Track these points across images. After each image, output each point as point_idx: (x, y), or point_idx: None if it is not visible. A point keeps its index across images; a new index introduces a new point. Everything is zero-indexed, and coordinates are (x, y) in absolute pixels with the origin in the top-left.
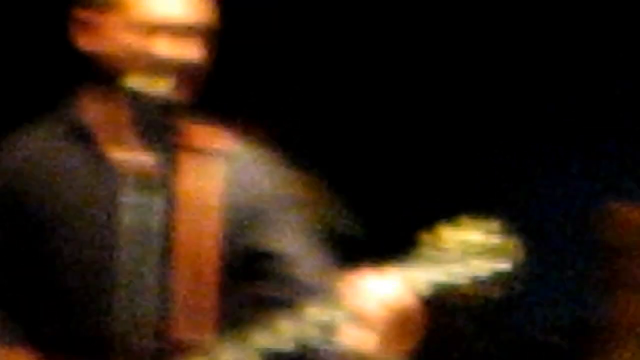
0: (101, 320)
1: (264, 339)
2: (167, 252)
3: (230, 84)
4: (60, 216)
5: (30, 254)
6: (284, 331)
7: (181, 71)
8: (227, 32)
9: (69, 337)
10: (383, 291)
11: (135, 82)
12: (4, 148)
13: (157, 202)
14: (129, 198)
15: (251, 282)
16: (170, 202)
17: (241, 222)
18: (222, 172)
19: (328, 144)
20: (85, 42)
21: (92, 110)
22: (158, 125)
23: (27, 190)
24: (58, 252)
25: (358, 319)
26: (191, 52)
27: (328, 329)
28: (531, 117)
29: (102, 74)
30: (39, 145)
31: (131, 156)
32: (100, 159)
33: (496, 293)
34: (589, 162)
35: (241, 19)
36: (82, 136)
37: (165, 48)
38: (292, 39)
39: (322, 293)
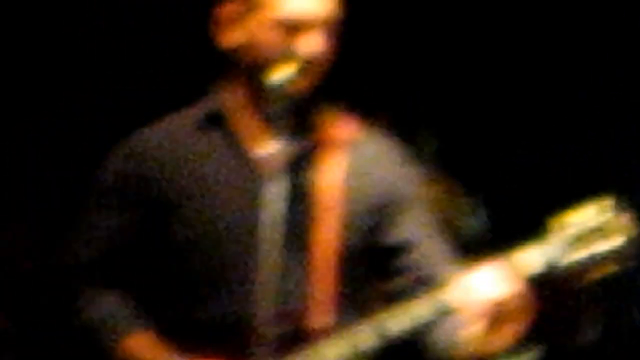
0: (239, 306)
1: (383, 325)
2: (301, 241)
3: (352, 74)
4: (197, 204)
5: (165, 241)
6: (399, 319)
7: (315, 65)
8: (348, 23)
9: (203, 324)
10: (485, 285)
11: (275, 76)
12: (141, 137)
13: (293, 193)
14: (267, 189)
15: (377, 272)
16: (304, 192)
17: (368, 213)
18: (350, 163)
19: (448, 133)
20: (227, 38)
21: (231, 102)
22: (295, 119)
23: (162, 178)
24: (195, 239)
25: (461, 311)
26: (324, 45)
27: (439, 319)
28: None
29: (243, 69)
30: (176, 135)
31: (269, 148)
32: (239, 150)
33: (614, 270)
34: None
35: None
36: (222, 127)
37: (304, 44)
38: (413, 29)
39: (443, 283)
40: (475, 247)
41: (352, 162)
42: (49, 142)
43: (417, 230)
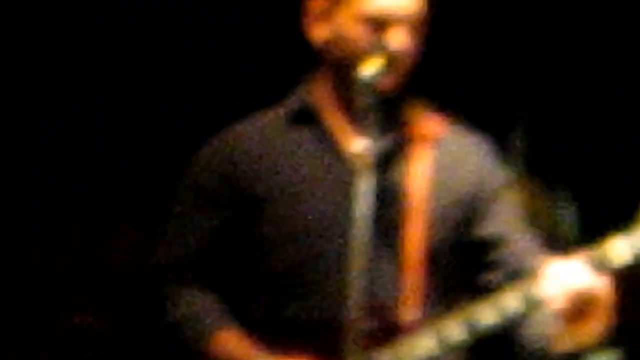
0: (328, 303)
1: (472, 319)
2: (391, 237)
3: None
4: (288, 200)
5: (255, 238)
6: (489, 312)
7: (403, 60)
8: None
9: (291, 321)
10: (570, 275)
11: (364, 71)
12: (231, 133)
13: (382, 189)
14: (357, 185)
15: (466, 267)
16: (394, 188)
17: (456, 208)
18: (438, 158)
19: (537, 128)
20: (318, 32)
21: (321, 98)
22: (383, 115)
23: (253, 174)
24: (286, 235)
25: (549, 303)
26: (411, 41)
27: (528, 312)
28: None
29: (332, 64)
30: (267, 131)
31: (358, 144)
32: (329, 146)
33: None
34: None
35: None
36: (312, 123)
37: (392, 39)
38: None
39: (531, 276)
40: (565, 243)
41: (440, 157)
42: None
43: (506, 225)
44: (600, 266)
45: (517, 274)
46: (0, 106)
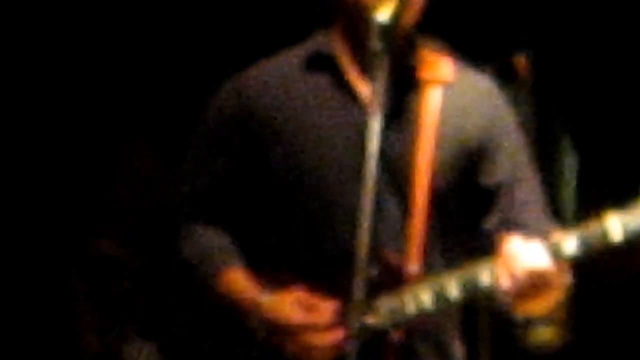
0: (337, 244)
1: (468, 279)
2: (400, 180)
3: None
4: (302, 141)
5: (267, 178)
6: (483, 273)
7: (415, 2)
8: None
9: (299, 260)
10: (527, 257)
11: (378, 14)
12: (247, 75)
13: (394, 131)
14: (370, 127)
15: (467, 214)
16: (405, 131)
17: (463, 152)
18: (448, 102)
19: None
20: None
21: (336, 42)
22: (396, 57)
23: (268, 115)
24: (299, 175)
25: (506, 277)
26: None
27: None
28: None
29: (347, 8)
30: (283, 74)
31: (372, 87)
32: (344, 89)
33: None
34: None
35: None
36: (328, 67)
37: None
38: None
39: (533, 228)
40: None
41: (449, 102)
42: None
43: (511, 173)
44: (556, 253)
45: (514, 225)
46: None
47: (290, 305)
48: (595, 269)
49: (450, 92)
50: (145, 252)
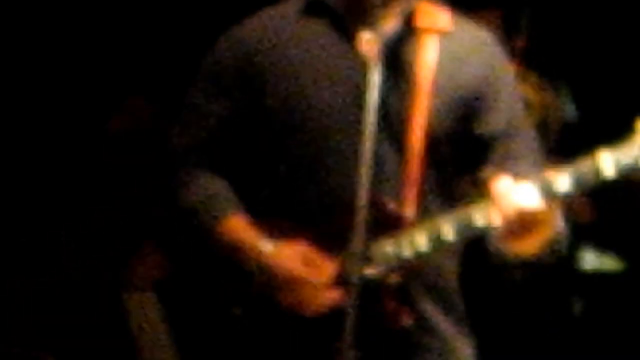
0: (334, 191)
1: (463, 221)
2: (396, 128)
3: None
4: (300, 88)
5: (265, 126)
6: (478, 215)
7: None
8: None
9: (297, 206)
10: (518, 196)
11: None
12: (244, 24)
13: (391, 79)
14: (367, 74)
15: (462, 163)
16: (401, 79)
17: (459, 101)
18: (444, 51)
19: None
20: None
21: None
22: (393, 6)
23: (266, 62)
24: (296, 122)
25: (497, 217)
26: None
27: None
28: None
29: None
30: (280, 22)
31: (369, 35)
32: (340, 36)
33: None
34: None
35: None
36: (325, 14)
37: None
38: None
39: (527, 174)
40: (565, 136)
41: (446, 51)
42: None
43: (506, 123)
44: (548, 192)
45: (513, 170)
46: None
47: (291, 258)
48: None
49: (448, 41)
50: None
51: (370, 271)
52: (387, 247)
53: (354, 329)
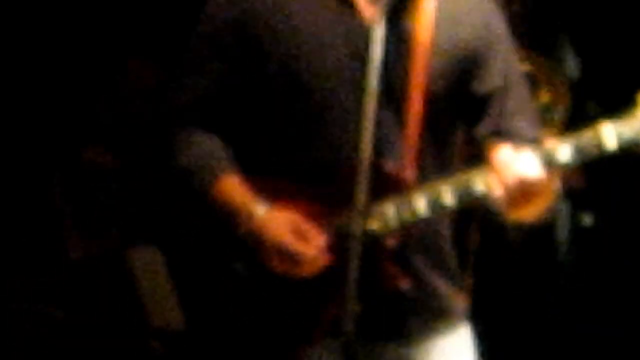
0: (335, 151)
1: (463, 187)
2: (396, 88)
3: None
4: (300, 48)
5: (263, 86)
6: (477, 181)
7: None
8: None
9: (297, 167)
10: (519, 166)
11: None
12: None
13: (391, 39)
14: (368, 35)
15: (463, 121)
16: (400, 39)
17: (456, 60)
18: (441, 10)
19: None
20: None
21: None
22: None
23: (264, 22)
24: (297, 82)
25: (498, 186)
26: None
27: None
28: None
29: None
30: None
31: None
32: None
33: None
34: None
35: None
36: None
37: None
38: None
39: (523, 136)
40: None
41: (443, 10)
42: None
43: (502, 80)
44: (549, 162)
45: (505, 133)
46: None
47: (282, 226)
48: None
49: (445, 2)
50: (132, 157)
51: (374, 226)
52: (387, 209)
53: (356, 283)
